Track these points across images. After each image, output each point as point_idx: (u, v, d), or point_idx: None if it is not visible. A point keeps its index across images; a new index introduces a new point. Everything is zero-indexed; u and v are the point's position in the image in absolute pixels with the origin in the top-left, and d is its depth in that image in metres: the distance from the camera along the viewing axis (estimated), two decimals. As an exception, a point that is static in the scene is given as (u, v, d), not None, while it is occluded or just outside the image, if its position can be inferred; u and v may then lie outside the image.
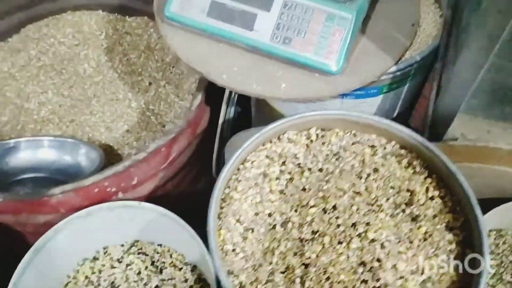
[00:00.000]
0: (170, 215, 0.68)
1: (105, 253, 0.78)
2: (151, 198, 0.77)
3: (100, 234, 0.75)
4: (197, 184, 0.89)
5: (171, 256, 0.79)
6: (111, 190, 0.71)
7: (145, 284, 0.76)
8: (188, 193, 0.87)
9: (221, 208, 0.59)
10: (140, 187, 0.75)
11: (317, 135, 0.65)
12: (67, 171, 0.84)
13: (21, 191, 0.78)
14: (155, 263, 0.78)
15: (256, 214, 0.59)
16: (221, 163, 0.87)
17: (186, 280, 0.77)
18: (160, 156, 0.72)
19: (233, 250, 0.57)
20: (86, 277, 0.75)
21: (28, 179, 0.83)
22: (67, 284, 0.75)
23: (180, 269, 0.78)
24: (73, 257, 0.75)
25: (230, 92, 0.79)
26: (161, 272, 0.77)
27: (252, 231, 0.58)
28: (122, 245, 0.79)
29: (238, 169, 0.62)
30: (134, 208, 0.70)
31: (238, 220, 0.58)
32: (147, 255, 0.79)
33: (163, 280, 0.76)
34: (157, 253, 0.79)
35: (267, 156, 0.64)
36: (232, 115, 0.86)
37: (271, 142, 0.65)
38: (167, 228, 0.72)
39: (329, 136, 0.65)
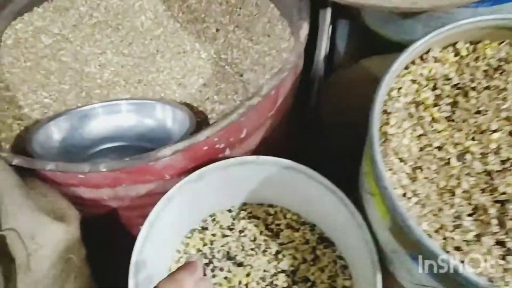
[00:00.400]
0: (298, 167, 0.58)
1: (213, 221, 0.69)
2: (255, 153, 0.67)
3: (207, 200, 0.65)
4: (294, 132, 0.78)
5: (285, 217, 0.70)
6: (219, 146, 0.60)
7: (264, 251, 0.67)
8: (288, 144, 0.77)
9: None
10: (247, 141, 0.64)
11: (467, 49, 0.54)
12: (149, 136, 0.74)
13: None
14: (269, 226, 0.69)
15: (421, 149, 0.49)
16: (320, 106, 0.76)
17: (307, 242, 0.67)
18: (270, 101, 0.61)
19: (404, 194, 0.46)
20: (198, 249, 0.66)
21: (108, 150, 0.73)
22: (178, 260, 0.66)
23: (297, 229, 0.69)
24: (181, 229, 0.66)
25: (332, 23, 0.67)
26: (277, 235, 0.68)
27: (421, 169, 0.48)
28: (230, 211, 0.69)
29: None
30: (251, 165, 0.60)
31: (401, 159, 0.48)
32: (259, 218, 0.69)
33: (281, 244, 0.67)
34: (269, 214, 0.70)
35: (413, 81, 0.52)
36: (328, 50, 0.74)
37: (414, 63, 0.53)
38: (288, 183, 0.62)
39: (481, 49, 0.53)
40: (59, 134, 0.68)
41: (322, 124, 0.83)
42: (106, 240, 0.80)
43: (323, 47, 0.67)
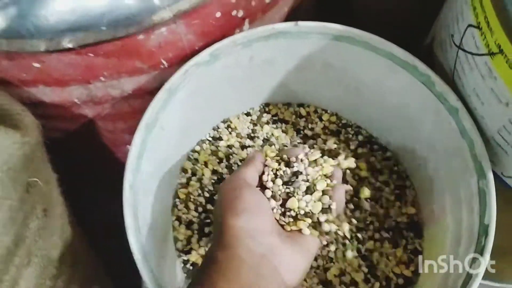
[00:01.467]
0: (358, 34, 0.40)
1: (227, 128, 0.51)
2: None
3: (219, 98, 0.47)
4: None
5: (320, 119, 0.52)
6: (237, 13, 0.42)
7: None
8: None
9: None
10: (272, 10, 0.45)
11: None
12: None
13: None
14: (301, 132, 0.52)
15: None
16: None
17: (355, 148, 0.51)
18: None
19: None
20: (213, 170, 0.49)
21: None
22: (187, 184, 0.48)
23: (338, 134, 0.52)
24: (186, 139, 0.48)
25: None
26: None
27: None
28: (248, 114, 0.52)
29: None
30: (283, 38, 0.42)
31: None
32: (287, 122, 0.52)
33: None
34: (300, 117, 0.52)
35: None
36: None
37: None
38: (335, 66, 0.44)
39: None
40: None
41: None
42: (81, 167, 0.62)
43: None
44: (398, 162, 0.50)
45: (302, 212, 0.35)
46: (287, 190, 0.36)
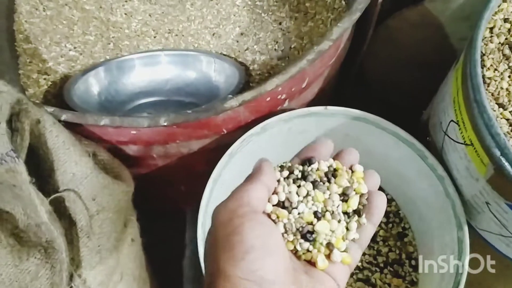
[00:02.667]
0: (370, 117, 0.54)
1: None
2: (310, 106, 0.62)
3: (265, 156, 0.61)
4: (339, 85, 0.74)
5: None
6: (281, 97, 0.56)
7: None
8: (332, 98, 0.73)
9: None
10: (305, 92, 0.60)
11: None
12: (189, 90, 0.68)
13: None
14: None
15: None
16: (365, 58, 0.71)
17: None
18: (334, 48, 0.56)
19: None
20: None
21: (145, 105, 0.68)
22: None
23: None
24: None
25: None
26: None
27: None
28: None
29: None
30: (316, 116, 0.56)
31: (501, 105, 0.44)
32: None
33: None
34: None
35: (505, 20, 0.48)
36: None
37: (505, 1, 0.49)
38: (353, 137, 0.58)
39: None
40: (97, 87, 0.63)
41: (364, 78, 0.79)
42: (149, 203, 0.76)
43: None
44: (401, 210, 0.63)
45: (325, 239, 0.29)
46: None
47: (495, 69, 0.46)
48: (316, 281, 0.27)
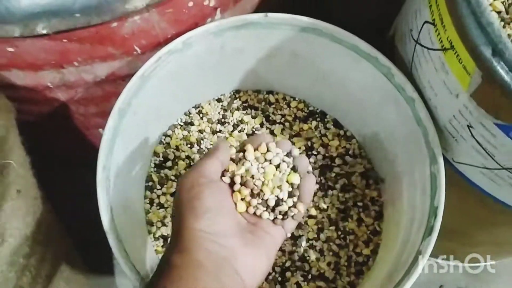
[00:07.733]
0: (323, 26, 0.42)
1: (199, 113, 0.53)
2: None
3: (191, 85, 0.48)
4: None
5: (289, 106, 0.55)
6: (209, 4, 0.43)
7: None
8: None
9: None
10: (243, 0, 0.47)
11: None
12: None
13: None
14: (270, 118, 0.54)
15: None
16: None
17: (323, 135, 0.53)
18: None
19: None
20: (186, 157, 0.51)
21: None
22: (160, 166, 0.50)
23: (305, 120, 0.54)
24: (158, 124, 0.50)
25: None
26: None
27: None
28: (219, 100, 0.54)
29: None
30: (254, 28, 0.44)
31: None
32: (257, 108, 0.54)
33: (290, 137, 0.53)
34: (270, 104, 0.54)
35: None
36: None
37: None
38: (302, 55, 0.46)
39: None
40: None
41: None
42: (54, 149, 0.63)
43: None
44: (363, 149, 0.52)
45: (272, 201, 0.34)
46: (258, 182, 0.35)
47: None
48: (257, 238, 0.33)
